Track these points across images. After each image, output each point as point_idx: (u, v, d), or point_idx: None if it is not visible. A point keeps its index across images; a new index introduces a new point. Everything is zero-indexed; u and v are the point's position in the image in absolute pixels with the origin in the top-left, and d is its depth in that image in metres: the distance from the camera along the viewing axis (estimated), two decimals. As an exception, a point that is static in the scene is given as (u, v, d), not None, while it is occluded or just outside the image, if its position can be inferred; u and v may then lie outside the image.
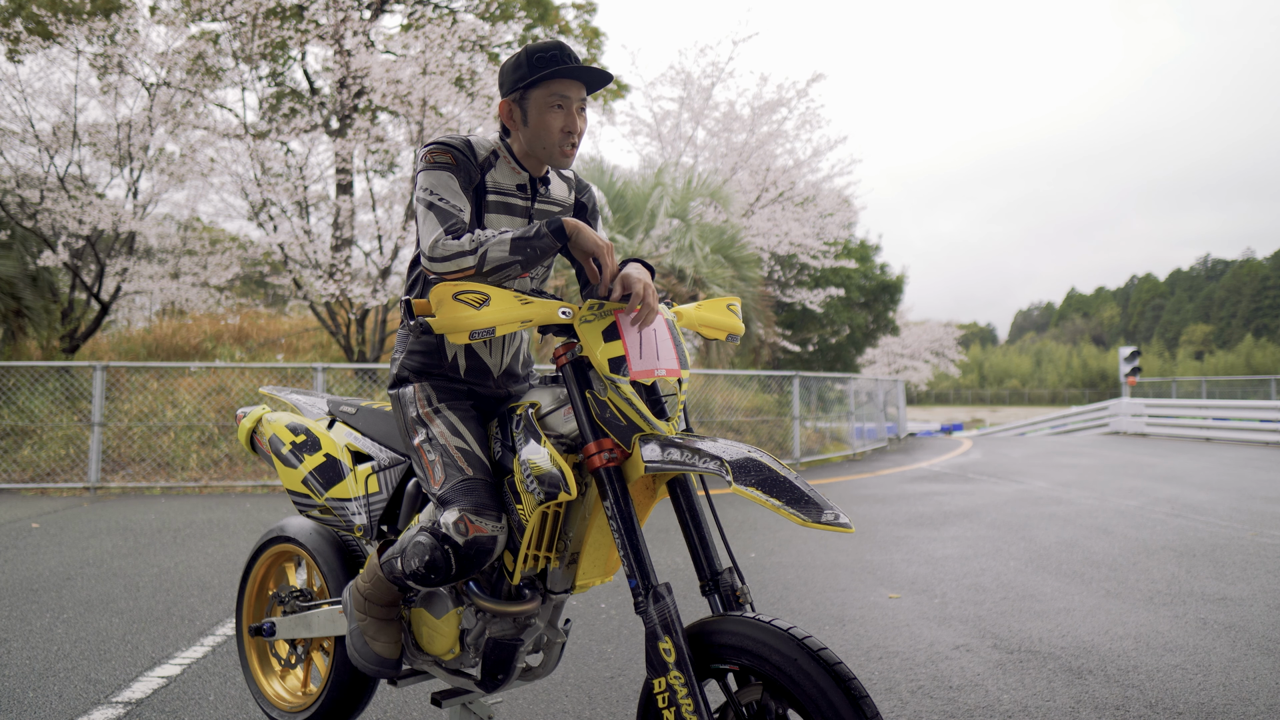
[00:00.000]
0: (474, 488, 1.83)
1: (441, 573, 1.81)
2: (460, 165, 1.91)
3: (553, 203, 2.09)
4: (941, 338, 29.43)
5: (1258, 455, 13.24)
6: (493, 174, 1.99)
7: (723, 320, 2.04)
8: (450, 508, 1.81)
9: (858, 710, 1.39)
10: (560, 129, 1.92)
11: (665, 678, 1.55)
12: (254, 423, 2.57)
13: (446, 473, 1.87)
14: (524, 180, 2.02)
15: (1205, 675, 3.07)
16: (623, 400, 1.71)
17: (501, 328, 1.70)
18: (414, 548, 1.84)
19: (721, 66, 14.95)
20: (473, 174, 1.94)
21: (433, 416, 1.96)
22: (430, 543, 1.81)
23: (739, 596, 1.68)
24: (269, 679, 2.59)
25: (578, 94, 1.93)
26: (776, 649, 1.46)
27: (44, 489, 8.72)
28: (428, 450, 1.92)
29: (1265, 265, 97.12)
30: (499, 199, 2.00)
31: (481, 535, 1.78)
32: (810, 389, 13.30)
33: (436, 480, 1.87)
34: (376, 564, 2.03)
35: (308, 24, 11.85)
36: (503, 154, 2.01)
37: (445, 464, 1.88)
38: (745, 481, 1.50)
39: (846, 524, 1.45)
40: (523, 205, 2.03)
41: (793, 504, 1.47)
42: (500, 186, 2.00)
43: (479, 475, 1.86)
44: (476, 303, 1.69)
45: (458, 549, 1.78)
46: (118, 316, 15.74)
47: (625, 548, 1.65)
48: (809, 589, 4.38)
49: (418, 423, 1.97)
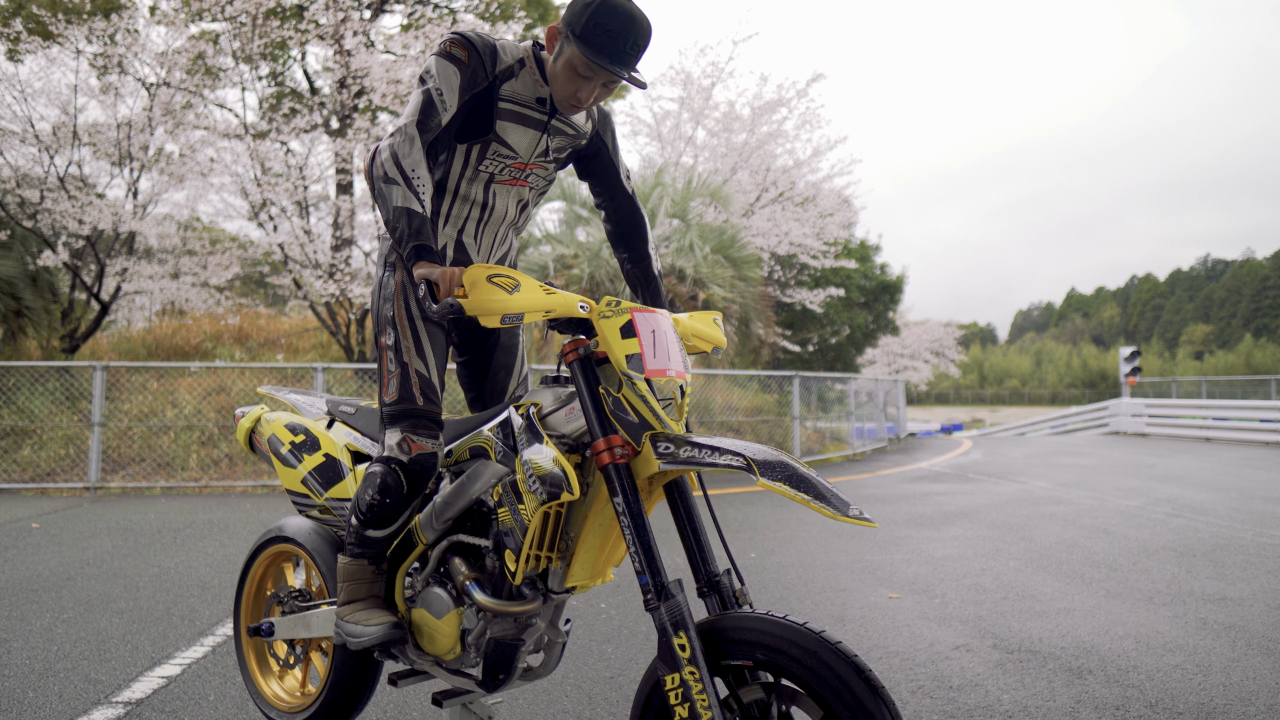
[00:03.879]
0: (418, 414, 1.98)
1: (394, 493, 1.94)
2: (470, 66, 1.95)
3: (569, 125, 2.11)
4: (941, 338, 29.43)
5: (1258, 455, 13.24)
6: (512, 84, 2.00)
7: (710, 333, 2.07)
8: (393, 429, 1.98)
9: (878, 698, 1.42)
10: (574, 90, 1.95)
11: (680, 673, 1.56)
12: (253, 423, 2.56)
13: (401, 391, 1.99)
14: (545, 95, 2.04)
15: (1205, 675, 3.07)
16: (637, 397, 1.71)
17: (529, 315, 1.72)
18: (366, 480, 1.98)
19: (721, 66, 14.96)
20: (479, 79, 1.96)
21: (405, 326, 2.02)
22: (380, 469, 1.96)
23: (738, 597, 1.68)
24: (267, 679, 2.58)
25: (608, 77, 1.94)
26: (795, 643, 1.47)
27: (44, 489, 8.72)
28: (390, 359, 2.02)
29: (1265, 265, 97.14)
30: (514, 108, 2.02)
31: (424, 452, 1.96)
32: (810, 389, 13.30)
33: (389, 394, 2.00)
34: (342, 558, 2.08)
35: (308, 24, 11.84)
36: (530, 64, 2.02)
37: (402, 382, 1.99)
38: (772, 477, 1.53)
39: (870, 519, 1.50)
40: (539, 119, 2.05)
41: (819, 499, 1.50)
42: (518, 96, 2.01)
43: (427, 404, 1.99)
44: (509, 287, 1.70)
45: (404, 466, 1.94)
46: (118, 316, 15.74)
47: (636, 544, 1.66)
48: (809, 589, 4.38)
49: (390, 324, 2.03)
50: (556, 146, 2.12)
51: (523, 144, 2.06)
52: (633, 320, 1.75)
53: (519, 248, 2.37)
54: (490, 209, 2.10)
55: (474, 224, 2.10)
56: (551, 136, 2.09)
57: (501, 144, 2.03)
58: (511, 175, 2.09)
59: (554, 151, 2.12)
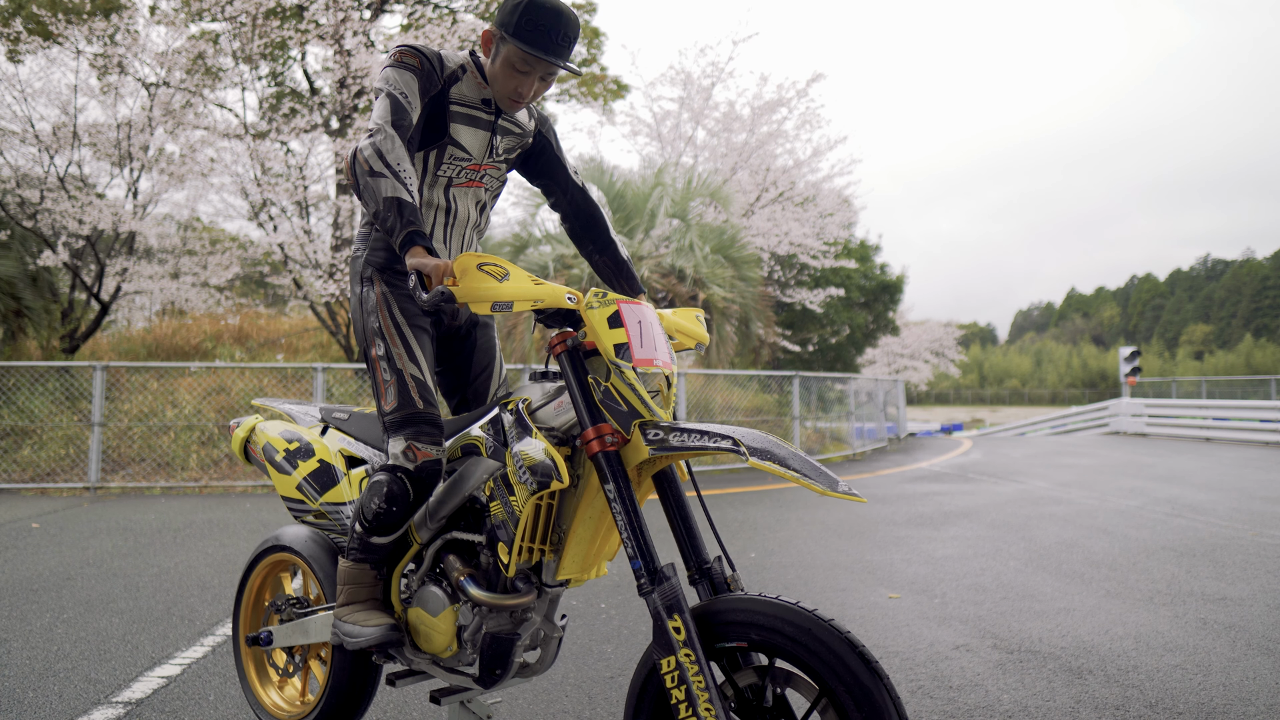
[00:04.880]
0: (420, 418, 1.99)
1: (400, 501, 1.95)
2: (424, 71, 2.02)
3: (514, 124, 2.20)
4: (941, 338, 29.44)
5: (1258, 455, 13.24)
6: (459, 86, 2.10)
7: (692, 329, 2.11)
8: (397, 437, 1.98)
9: (874, 674, 1.43)
10: (514, 87, 2.04)
11: (675, 656, 1.57)
12: (247, 432, 2.57)
13: (400, 399, 2.01)
14: (489, 96, 2.13)
15: (1205, 675, 3.07)
16: (625, 386, 1.73)
17: (518, 304, 1.75)
18: (371, 488, 1.98)
19: (721, 66, 14.97)
20: (433, 83, 2.04)
21: (394, 334, 2.06)
22: (385, 478, 1.96)
23: (730, 583, 1.70)
24: (266, 689, 2.57)
25: (544, 68, 2.02)
26: (789, 621, 1.49)
27: (44, 489, 8.72)
28: (384, 369, 2.04)
29: (1265, 265, 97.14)
30: (464, 110, 2.11)
31: (429, 459, 1.96)
32: (810, 389, 13.31)
33: (389, 402, 2.02)
34: (343, 561, 2.08)
35: (308, 24, 11.85)
36: (471, 70, 2.12)
37: (400, 389, 2.01)
38: (762, 457, 1.55)
39: (858, 495, 1.52)
40: (487, 119, 2.14)
41: (808, 475, 1.52)
42: (465, 99, 2.11)
43: (427, 407, 2.01)
44: (499, 275, 1.74)
45: (410, 474, 1.95)
46: (118, 316, 15.74)
47: (628, 530, 1.67)
48: (809, 589, 4.38)
49: (378, 335, 2.07)
50: (505, 147, 2.20)
51: (475, 145, 2.14)
52: (619, 311, 1.78)
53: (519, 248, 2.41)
54: (454, 212, 2.17)
55: (441, 228, 2.17)
56: (499, 136, 2.17)
57: (456, 146, 2.11)
58: (468, 177, 2.16)
59: (504, 151, 2.21)
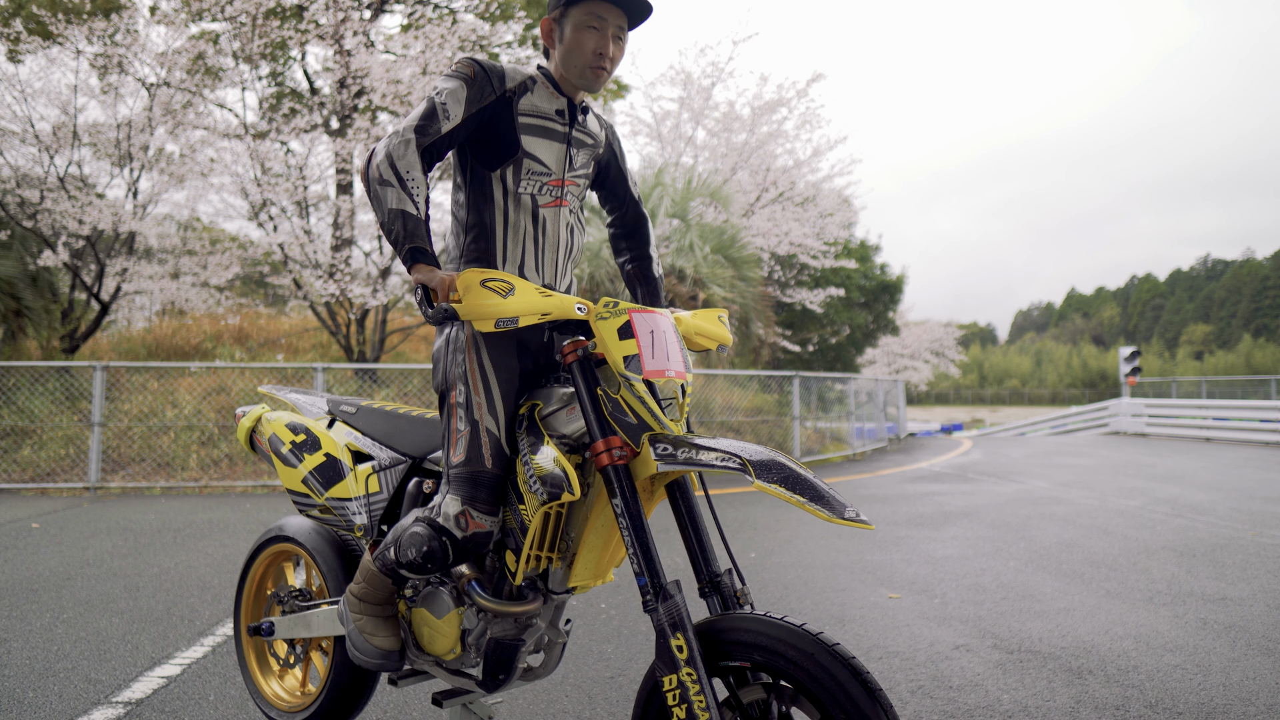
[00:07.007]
0: (483, 481, 1.86)
1: (439, 562, 1.84)
2: (477, 80, 1.95)
3: (588, 134, 2.13)
4: (941, 338, 29.43)
5: (1258, 455, 13.24)
6: (528, 98, 2.01)
7: (715, 331, 2.07)
8: (454, 497, 1.84)
9: (875, 701, 1.41)
10: (592, 49, 1.95)
11: (677, 674, 1.56)
12: (253, 422, 2.56)
13: (469, 453, 1.87)
14: (562, 106, 2.05)
15: (1205, 675, 3.07)
16: (635, 398, 1.71)
17: (524, 319, 1.71)
18: (410, 538, 1.86)
19: (721, 66, 14.95)
20: (487, 93, 1.96)
21: (478, 382, 1.91)
22: (428, 534, 1.84)
23: (739, 597, 1.68)
24: (267, 679, 2.58)
25: (616, 19, 1.96)
26: (792, 644, 1.47)
27: (44, 489, 8.72)
28: (460, 417, 1.90)
29: (1265, 265, 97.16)
30: (535, 122, 2.01)
31: (480, 531, 1.84)
32: (810, 389, 13.30)
33: (457, 454, 1.88)
34: (369, 561, 2.04)
35: (308, 24, 11.84)
36: (541, 81, 2.04)
37: (471, 443, 1.87)
38: (768, 479, 1.52)
39: (867, 521, 1.49)
40: (562, 130, 2.06)
41: (815, 501, 1.49)
42: (536, 109, 2.02)
43: (495, 469, 1.87)
44: (503, 291, 1.69)
45: (455, 541, 1.83)
46: (118, 316, 15.74)
47: (634, 546, 1.66)
48: (809, 589, 4.38)
49: (461, 379, 1.92)
50: (581, 161, 2.11)
51: (551, 158, 2.03)
52: (631, 321, 1.75)
53: None
54: (544, 234, 2.04)
55: (532, 256, 2.02)
56: (574, 149, 2.08)
57: (533, 159, 2.00)
58: (551, 195, 2.05)
59: (580, 165, 2.12)
